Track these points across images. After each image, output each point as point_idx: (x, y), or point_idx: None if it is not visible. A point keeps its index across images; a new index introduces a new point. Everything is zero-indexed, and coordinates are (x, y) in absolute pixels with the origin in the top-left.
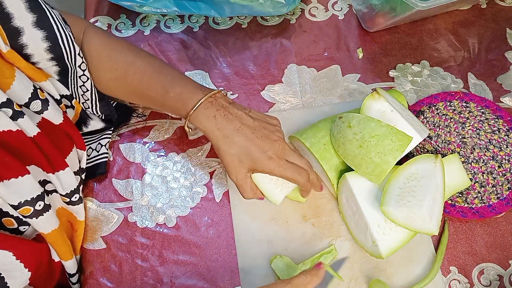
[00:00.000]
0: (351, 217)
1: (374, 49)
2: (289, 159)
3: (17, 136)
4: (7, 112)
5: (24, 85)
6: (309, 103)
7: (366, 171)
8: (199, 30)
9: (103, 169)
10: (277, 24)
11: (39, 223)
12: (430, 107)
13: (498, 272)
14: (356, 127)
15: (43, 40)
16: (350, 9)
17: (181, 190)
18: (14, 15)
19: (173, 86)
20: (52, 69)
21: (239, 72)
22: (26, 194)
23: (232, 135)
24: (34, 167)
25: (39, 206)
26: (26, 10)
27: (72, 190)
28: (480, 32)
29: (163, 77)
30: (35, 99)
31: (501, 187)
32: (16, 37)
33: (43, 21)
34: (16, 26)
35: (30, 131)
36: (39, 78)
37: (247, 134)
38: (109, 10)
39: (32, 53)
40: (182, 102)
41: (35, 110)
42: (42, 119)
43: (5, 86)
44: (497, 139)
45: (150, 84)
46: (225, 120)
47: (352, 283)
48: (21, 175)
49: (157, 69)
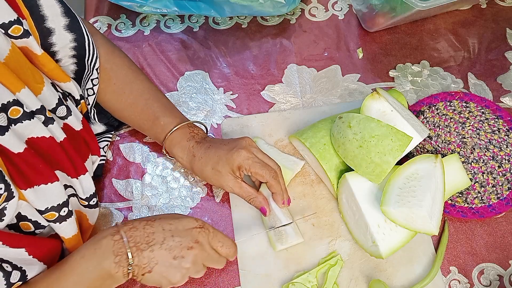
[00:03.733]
0: (351, 217)
1: (374, 49)
2: (258, 155)
3: (49, 142)
4: (40, 118)
5: (51, 90)
6: (309, 103)
7: (366, 171)
8: (199, 30)
9: (99, 171)
10: (277, 24)
11: (61, 228)
12: (430, 107)
13: (498, 272)
14: (356, 127)
15: (72, 41)
16: (350, 9)
17: (181, 190)
18: (48, 17)
19: (164, 115)
20: (70, 67)
21: (239, 72)
22: (53, 200)
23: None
24: (59, 172)
25: (63, 212)
26: (61, 14)
27: (91, 194)
28: (480, 32)
29: (156, 104)
30: (61, 105)
31: (501, 187)
32: (47, 36)
33: (74, 25)
34: (48, 27)
35: (59, 136)
36: (64, 79)
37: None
38: (109, 10)
39: (58, 50)
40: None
41: (61, 115)
42: (64, 124)
43: (36, 91)
44: (497, 139)
45: (144, 107)
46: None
47: (352, 283)
48: (50, 182)
49: (152, 95)
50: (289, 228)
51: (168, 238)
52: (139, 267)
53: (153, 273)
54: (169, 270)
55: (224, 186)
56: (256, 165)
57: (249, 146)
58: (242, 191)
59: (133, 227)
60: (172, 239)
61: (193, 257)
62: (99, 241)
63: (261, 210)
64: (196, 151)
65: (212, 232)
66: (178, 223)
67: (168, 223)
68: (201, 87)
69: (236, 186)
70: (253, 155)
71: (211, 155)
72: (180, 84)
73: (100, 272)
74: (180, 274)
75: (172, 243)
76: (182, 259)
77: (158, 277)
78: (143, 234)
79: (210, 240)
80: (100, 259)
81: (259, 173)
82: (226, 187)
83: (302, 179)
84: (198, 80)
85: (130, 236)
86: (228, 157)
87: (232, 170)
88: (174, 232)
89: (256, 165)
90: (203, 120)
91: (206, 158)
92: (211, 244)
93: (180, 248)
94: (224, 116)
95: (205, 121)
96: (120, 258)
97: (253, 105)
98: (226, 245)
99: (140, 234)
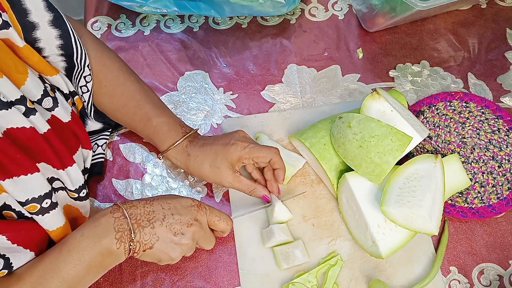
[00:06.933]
0: (351, 217)
1: (374, 49)
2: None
3: (30, 133)
4: (20, 109)
5: (36, 81)
6: (309, 103)
7: (366, 171)
8: (199, 30)
9: (99, 169)
10: (277, 24)
11: (44, 220)
12: (430, 107)
13: (498, 272)
14: (356, 127)
15: (57, 38)
16: (350, 9)
17: (181, 190)
18: (32, 11)
19: (156, 115)
20: (60, 64)
21: (239, 72)
22: (34, 191)
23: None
24: (44, 164)
25: (46, 204)
26: (45, 8)
27: (81, 186)
28: (480, 32)
29: (148, 104)
30: (47, 96)
31: (501, 187)
32: (31, 31)
33: (58, 20)
34: (32, 21)
35: (42, 128)
36: (51, 72)
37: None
38: (109, 10)
39: (44, 47)
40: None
41: (47, 107)
42: (52, 116)
43: (19, 82)
44: (497, 139)
45: (136, 109)
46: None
47: (352, 283)
48: (30, 173)
49: (143, 96)
50: (297, 251)
51: (168, 215)
52: (141, 243)
53: (154, 249)
54: (170, 246)
55: (223, 182)
56: (255, 150)
57: (243, 137)
58: (242, 184)
59: (133, 205)
60: (172, 217)
61: (192, 234)
62: (98, 218)
63: (263, 198)
64: (190, 150)
65: (209, 209)
66: (176, 202)
67: (167, 202)
68: (201, 87)
69: (236, 180)
70: (248, 143)
71: (207, 152)
72: (180, 84)
73: (100, 249)
74: (180, 250)
75: (172, 220)
76: (182, 236)
77: (158, 252)
78: (143, 212)
79: (208, 216)
80: (101, 236)
81: (260, 155)
82: (225, 182)
83: (302, 179)
84: (198, 80)
85: (131, 213)
86: (225, 152)
87: (231, 165)
88: (173, 210)
89: (255, 149)
90: (203, 120)
91: (202, 156)
92: (209, 220)
93: (180, 225)
94: (224, 116)
95: (205, 121)
96: (122, 234)
97: (253, 105)
98: (223, 219)
99: (140, 212)
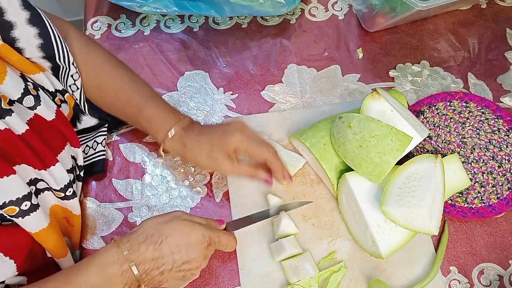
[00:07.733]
0: (351, 217)
1: (374, 49)
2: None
3: (5, 134)
4: None
5: (16, 80)
6: (309, 103)
7: (366, 171)
8: (199, 30)
9: (101, 166)
10: (277, 24)
11: (25, 222)
12: (430, 107)
13: (498, 272)
14: (356, 127)
15: (36, 36)
16: (350, 9)
17: (181, 190)
18: (7, 9)
19: (146, 106)
20: (45, 64)
21: (239, 72)
22: (10, 194)
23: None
24: (24, 166)
25: (25, 206)
26: (20, 7)
27: (66, 185)
28: (480, 32)
29: (138, 96)
30: (28, 94)
31: (501, 187)
32: (8, 30)
33: (36, 19)
34: (8, 20)
35: (19, 129)
36: (32, 70)
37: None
38: (109, 10)
39: (24, 48)
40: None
41: (28, 105)
42: (35, 115)
43: None
44: (497, 139)
45: (126, 101)
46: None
47: (352, 283)
48: (6, 175)
49: (133, 87)
50: (307, 265)
51: (177, 261)
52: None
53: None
54: (179, 282)
55: (222, 171)
56: (252, 145)
57: (241, 127)
58: (241, 171)
59: (140, 254)
60: (181, 262)
61: (200, 270)
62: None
63: (266, 181)
64: (186, 140)
65: (217, 241)
66: (186, 242)
67: (176, 245)
68: (201, 87)
69: (234, 168)
70: (247, 135)
71: (203, 142)
72: (180, 84)
73: None
74: (188, 283)
75: (182, 266)
76: (191, 276)
77: (166, 285)
78: (151, 259)
79: (216, 246)
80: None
81: (257, 152)
82: (224, 171)
83: (302, 179)
84: (198, 80)
85: (139, 264)
86: (221, 142)
87: (228, 154)
88: (183, 255)
89: (253, 144)
90: (203, 120)
91: (199, 146)
92: (216, 249)
93: (189, 266)
94: (224, 116)
95: (205, 121)
96: (131, 286)
97: (253, 105)
98: (230, 247)
99: (148, 261)
